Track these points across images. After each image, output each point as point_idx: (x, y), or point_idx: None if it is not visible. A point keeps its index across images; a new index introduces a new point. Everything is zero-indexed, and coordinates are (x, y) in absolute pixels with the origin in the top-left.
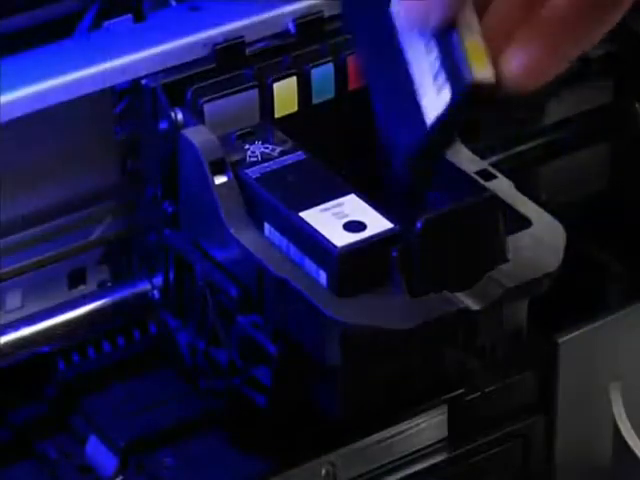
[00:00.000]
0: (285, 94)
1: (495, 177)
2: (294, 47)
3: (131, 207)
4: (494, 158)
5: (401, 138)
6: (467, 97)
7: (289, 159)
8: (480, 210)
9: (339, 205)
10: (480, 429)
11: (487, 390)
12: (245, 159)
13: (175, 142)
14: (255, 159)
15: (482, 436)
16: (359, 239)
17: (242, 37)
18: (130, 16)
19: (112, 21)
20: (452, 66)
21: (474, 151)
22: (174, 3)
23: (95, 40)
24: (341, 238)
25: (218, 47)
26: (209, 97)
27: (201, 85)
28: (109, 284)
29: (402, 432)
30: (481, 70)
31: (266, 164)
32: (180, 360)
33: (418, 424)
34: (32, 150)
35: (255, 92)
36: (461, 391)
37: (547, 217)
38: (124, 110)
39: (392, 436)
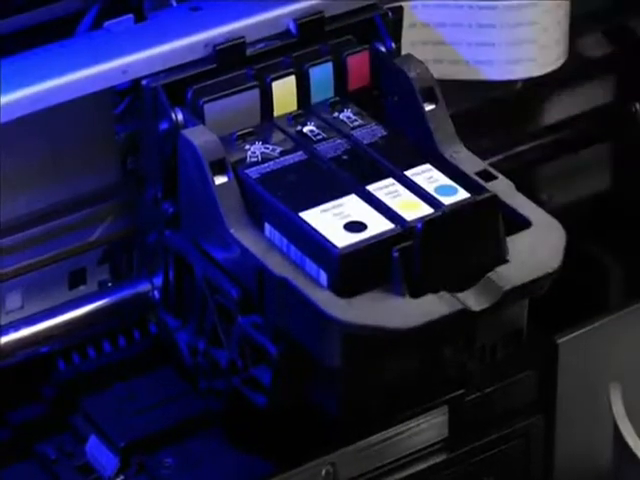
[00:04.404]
0: (284, 93)
1: (495, 177)
2: (294, 47)
3: (131, 207)
4: (494, 158)
5: None
6: None
7: (289, 159)
8: (480, 210)
9: (339, 205)
10: (480, 429)
11: (487, 390)
12: (245, 159)
13: (175, 142)
14: (255, 159)
15: (482, 436)
16: (359, 239)
17: (243, 37)
18: (131, 16)
19: (113, 21)
20: None
21: (474, 151)
22: (175, 3)
23: (96, 40)
24: (341, 238)
25: (219, 47)
26: (209, 97)
27: (201, 85)
28: (109, 284)
29: (402, 432)
30: None
31: (266, 164)
32: (180, 360)
33: (419, 424)
34: (32, 150)
35: (256, 92)
36: (462, 391)
37: (547, 217)
38: (125, 110)
39: (392, 436)
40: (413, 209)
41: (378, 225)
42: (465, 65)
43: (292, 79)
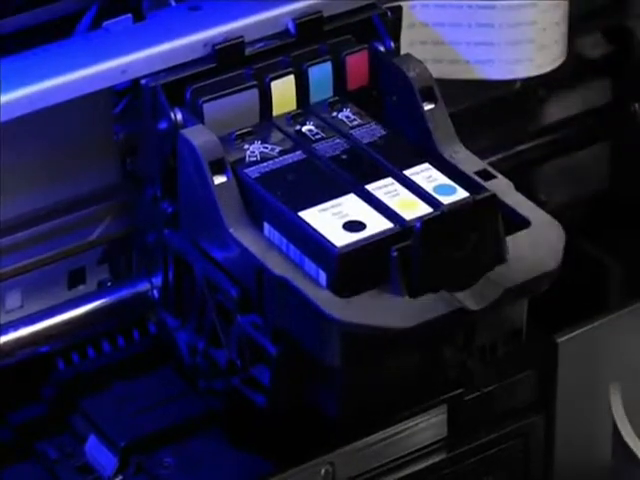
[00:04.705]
0: (283, 93)
1: (495, 177)
2: (293, 47)
3: (130, 207)
4: (493, 157)
5: None
6: None
7: (288, 159)
8: (479, 210)
9: (338, 205)
10: (480, 429)
11: (487, 390)
12: (244, 159)
13: (174, 142)
14: (254, 159)
15: (482, 436)
16: (359, 239)
17: (242, 37)
18: (130, 16)
19: (112, 21)
20: None
21: (473, 150)
22: (174, 3)
23: (95, 40)
24: (341, 238)
25: (218, 47)
26: (209, 97)
27: (201, 85)
28: (109, 284)
29: (402, 432)
30: None
31: (265, 164)
32: (180, 360)
33: (418, 424)
34: (32, 150)
35: (255, 92)
36: (461, 391)
37: (546, 217)
38: (124, 110)
39: (392, 436)
40: (412, 208)
41: (377, 224)
42: (464, 65)
43: (291, 79)
